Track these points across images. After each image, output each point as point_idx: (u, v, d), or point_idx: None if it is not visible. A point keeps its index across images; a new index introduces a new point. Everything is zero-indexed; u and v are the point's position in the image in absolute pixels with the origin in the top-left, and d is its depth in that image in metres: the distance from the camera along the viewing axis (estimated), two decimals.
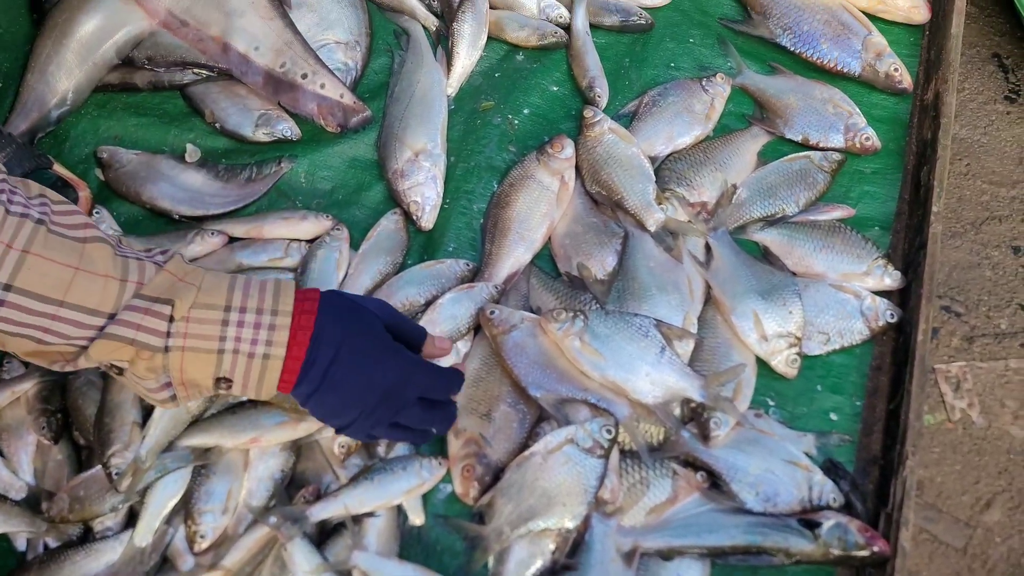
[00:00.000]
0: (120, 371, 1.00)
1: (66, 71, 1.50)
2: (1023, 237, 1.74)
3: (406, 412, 1.11)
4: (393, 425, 1.12)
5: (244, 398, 1.22)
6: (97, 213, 1.41)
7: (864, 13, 1.64)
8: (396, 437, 1.21)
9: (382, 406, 1.08)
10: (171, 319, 0.98)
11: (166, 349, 0.98)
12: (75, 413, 1.27)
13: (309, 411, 1.08)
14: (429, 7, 1.65)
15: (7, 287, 0.92)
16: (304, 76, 1.50)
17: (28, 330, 0.94)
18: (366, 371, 1.06)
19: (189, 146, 1.50)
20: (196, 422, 1.25)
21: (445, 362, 1.27)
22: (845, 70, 1.59)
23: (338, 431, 1.12)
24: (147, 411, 1.24)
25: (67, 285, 0.94)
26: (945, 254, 1.68)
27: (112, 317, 0.96)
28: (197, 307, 0.99)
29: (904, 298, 1.42)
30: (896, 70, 1.57)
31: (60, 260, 0.94)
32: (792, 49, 1.62)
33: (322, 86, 1.50)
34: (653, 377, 1.26)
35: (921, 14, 1.65)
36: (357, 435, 1.14)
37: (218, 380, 1.02)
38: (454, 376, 1.19)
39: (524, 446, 1.25)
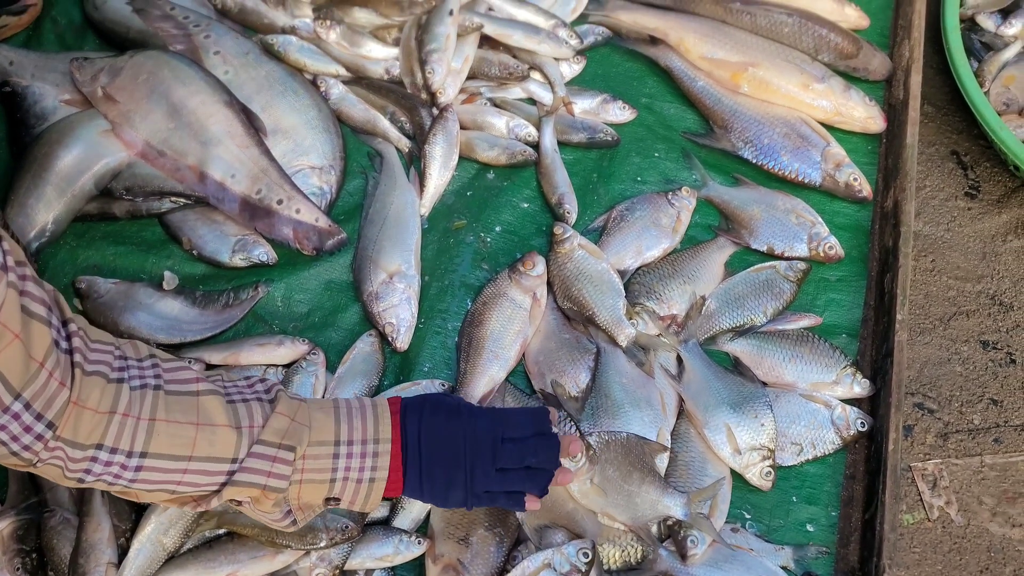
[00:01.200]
0: (239, 503, 1.10)
1: (45, 204, 1.53)
2: (991, 331, 1.77)
3: (503, 452, 1.15)
4: (500, 473, 1.14)
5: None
6: None
7: (823, 123, 1.70)
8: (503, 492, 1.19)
9: (478, 454, 1.14)
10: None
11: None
12: (50, 553, 1.26)
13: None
14: (401, 129, 1.69)
15: (143, 454, 1.02)
16: (280, 202, 1.54)
17: (164, 485, 1.05)
18: (449, 431, 1.14)
19: (167, 273, 1.53)
20: (172, 559, 1.25)
21: None
22: (806, 180, 1.64)
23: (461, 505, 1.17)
24: (122, 551, 1.23)
25: (192, 442, 1.04)
26: (915, 351, 1.71)
27: (235, 460, 1.05)
28: (312, 445, 1.09)
29: (874, 405, 1.44)
30: (855, 180, 1.62)
31: (182, 419, 1.04)
32: (754, 161, 1.67)
33: (297, 211, 1.54)
34: (639, 498, 1.27)
35: (877, 124, 1.71)
36: (476, 502, 1.17)
37: (328, 499, 1.13)
38: (538, 411, 1.22)
39: (503, 571, 1.25)
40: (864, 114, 1.69)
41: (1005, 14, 2.05)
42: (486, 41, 1.76)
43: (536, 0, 1.82)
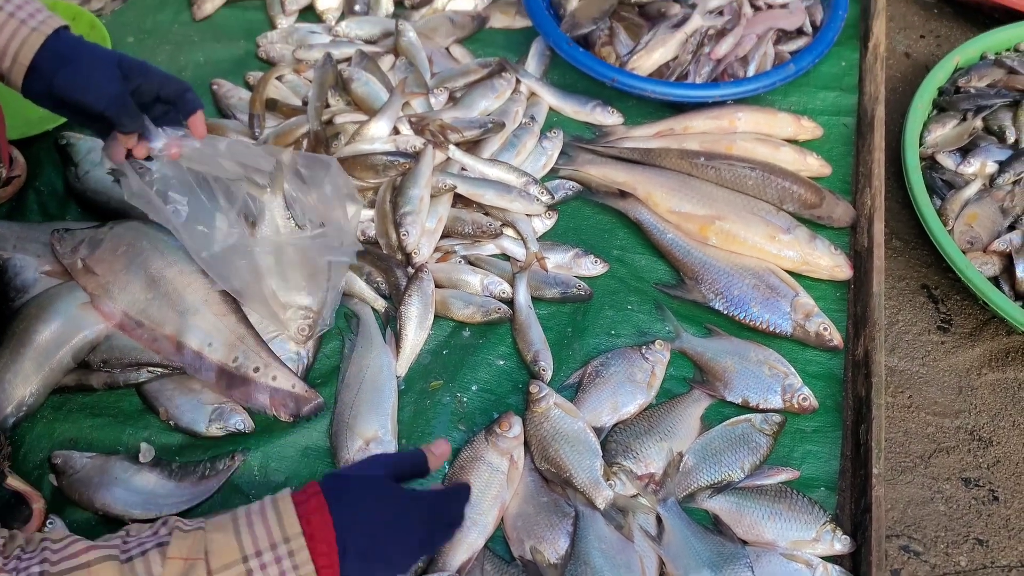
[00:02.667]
0: None
1: (23, 379, 1.53)
2: (972, 468, 1.77)
3: (439, 540, 1.30)
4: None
5: None
6: (51, 523, 1.41)
7: (791, 272, 1.74)
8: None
9: (421, 552, 1.24)
10: None
11: None
12: None
13: None
14: (377, 289, 1.72)
15: None
16: (256, 369, 1.55)
17: None
18: (398, 538, 1.14)
19: (143, 445, 1.52)
20: None
21: None
22: (777, 331, 1.66)
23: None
24: None
25: None
26: (898, 490, 1.71)
27: None
28: (217, 572, 1.03)
29: (856, 562, 1.43)
30: (825, 329, 1.64)
31: None
32: (725, 312, 1.69)
33: (274, 378, 1.55)
34: None
35: (844, 272, 1.74)
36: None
37: None
38: (463, 492, 1.30)
39: None
40: (831, 263, 1.73)
41: (964, 152, 2.12)
42: (459, 199, 1.81)
43: (509, 155, 1.87)
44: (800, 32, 2.03)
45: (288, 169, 1.59)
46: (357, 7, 2.14)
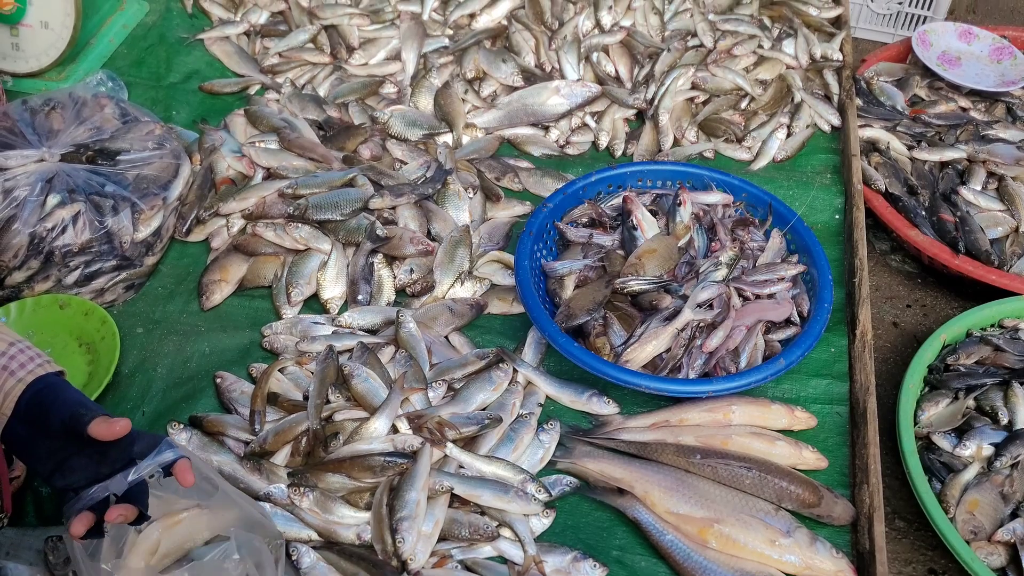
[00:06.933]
0: None
1: None
2: None
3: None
4: None
5: None
6: None
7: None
8: None
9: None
10: None
11: None
12: None
13: None
14: None
15: None
16: None
17: None
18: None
19: None
20: None
21: None
22: None
23: None
24: None
25: None
26: None
27: None
28: None
29: None
30: None
31: None
32: None
33: None
34: None
35: None
36: None
37: None
38: None
39: None
40: (833, 567, 1.70)
41: (959, 433, 2.13)
42: (456, 497, 1.80)
43: (506, 450, 1.88)
44: (788, 321, 2.09)
45: None
46: (360, 296, 2.22)
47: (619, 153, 2.75)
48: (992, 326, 2.41)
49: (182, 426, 1.90)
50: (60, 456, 1.35)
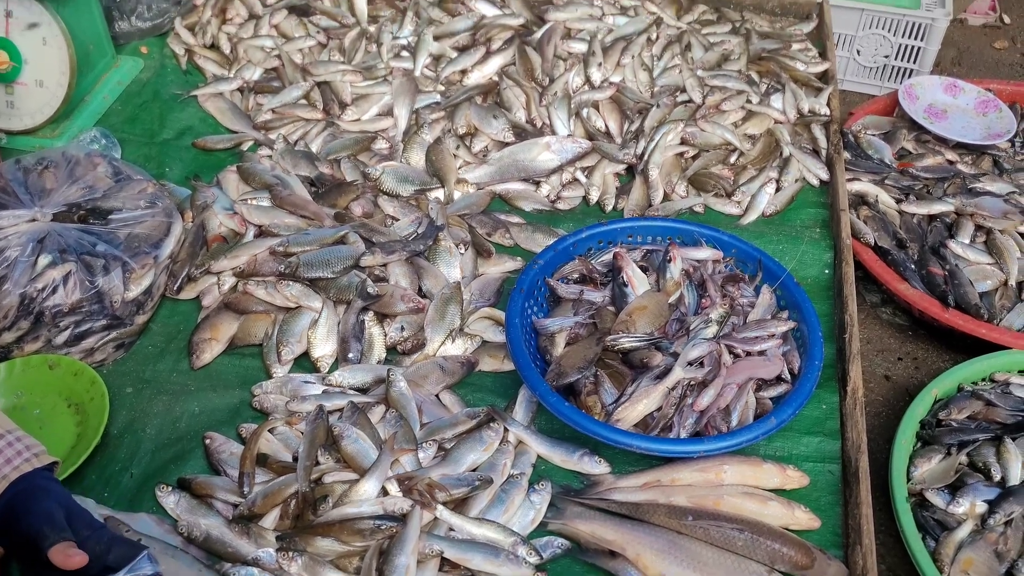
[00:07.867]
0: None
1: None
2: None
3: None
4: None
5: None
6: None
7: None
8: None
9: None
10: None
11: None
12: None
13: None
14: None
15: None
16: None
17: None
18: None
19: None
20: None
21: None
22: None
23: None
24: None
25: None
26: None
27: None
28: None
29: None
30: None
31: None
32: None
33: None
34: None
35: None
36: None
37: None
38: None
39: None
40: None
41: (953, 490, 2.13)
42: (446, 561, 1.79)
43: (497, 511, 1.87)
44: (779, 378, 2.09)
45: None
46: (351, 355, 2.22)
47: (610, 208, 2.76)
48: (983, 380, 2.41)
49: (170, 488, 1.89)
50: (33, 564, 1.33)
